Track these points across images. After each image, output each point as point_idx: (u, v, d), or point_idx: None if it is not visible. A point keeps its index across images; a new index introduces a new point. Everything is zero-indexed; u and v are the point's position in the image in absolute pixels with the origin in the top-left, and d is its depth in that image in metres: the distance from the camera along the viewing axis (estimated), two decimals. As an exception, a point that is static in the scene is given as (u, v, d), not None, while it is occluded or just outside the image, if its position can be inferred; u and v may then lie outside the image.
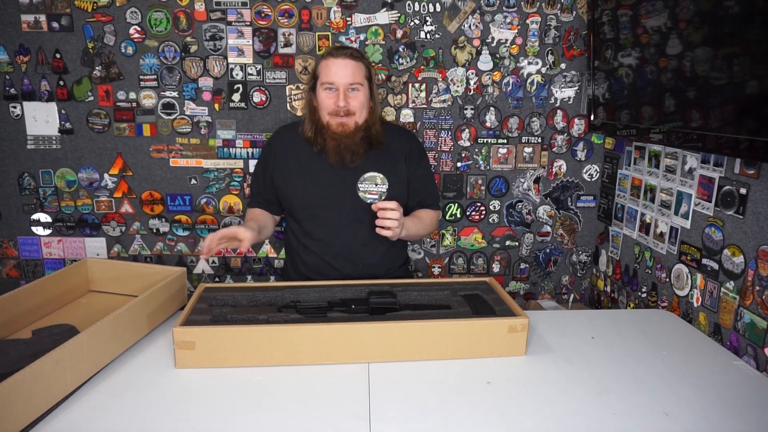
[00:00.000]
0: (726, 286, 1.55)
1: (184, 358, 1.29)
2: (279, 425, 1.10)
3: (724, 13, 1.38)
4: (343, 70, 1.71)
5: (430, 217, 1.93)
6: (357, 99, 1.74)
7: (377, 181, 1.74)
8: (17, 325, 1.44)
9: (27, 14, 2.08)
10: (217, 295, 1.51)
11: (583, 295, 2.46)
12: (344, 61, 1.71)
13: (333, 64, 1.72)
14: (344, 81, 1.71)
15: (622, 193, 2.13)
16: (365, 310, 1.42)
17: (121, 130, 2.20)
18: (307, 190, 1.81)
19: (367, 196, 1.75)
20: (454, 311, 1.44)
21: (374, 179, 1.74)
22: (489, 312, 1.42)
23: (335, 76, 1.71)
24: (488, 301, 1.49)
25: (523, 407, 1.17)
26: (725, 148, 1.42)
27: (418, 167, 1.89)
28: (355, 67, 1.72)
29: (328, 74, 1.72)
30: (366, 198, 1.75)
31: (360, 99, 1.75)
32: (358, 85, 1.73)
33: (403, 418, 1.12)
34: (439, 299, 1.52)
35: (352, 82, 1.72)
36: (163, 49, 2.14)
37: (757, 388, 1.26)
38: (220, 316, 1.38)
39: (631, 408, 1.17)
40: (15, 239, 2.28)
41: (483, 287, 1.59)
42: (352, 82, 1.72)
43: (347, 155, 1.75)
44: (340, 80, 1.71)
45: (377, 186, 1.74)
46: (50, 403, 1.12)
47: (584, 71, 2.20)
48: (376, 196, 1.74)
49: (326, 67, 1.73)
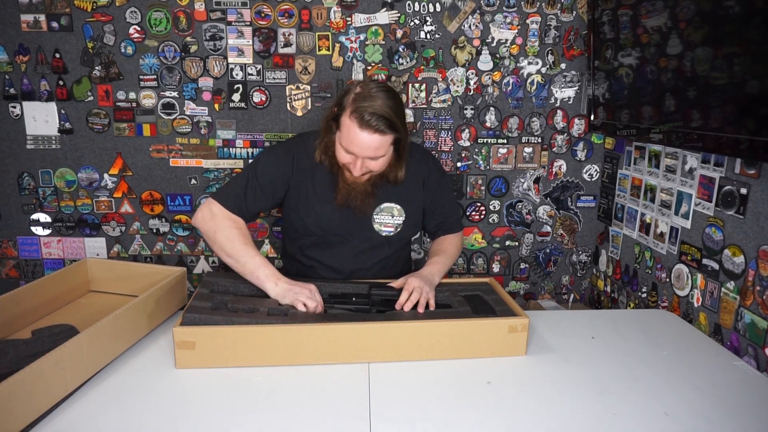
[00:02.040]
0: (726, 286, 1.55)
1: (184, 358, 1.29)
2: (279, 425, 1.10)
3: (724, 13, 1.38)
4: (365, 146, 1.45)
5: (454, 245, 1.75)
6: (377, 164, 1.52)
7: (394, 213, 1.64)
8: (17, 326, 1.44)
9: (27, 14, 2.07)
10: (219, 281, 1.52)
11: (583, 295, 2.46)
12: (370, 136, 1.43)
13: (356, 135, 1.44)
14: (365, 154, 1.47)
15: (622, 193, 2.13)
16: (366, 303, 1.42)
17: (121, 130, 2.20)
18: (319, 217, 1.63)
19: (382, 228, 1.64)
20: (454, 311, 1.44)
21: (391, 210, 1.63)
22: (489, 312, 1.42)
23: (355, 148, 1.46)
24: (489, 301, 1.49)
25: (523, 407, 1.17)
26: (725, 148, 1.42)
27: (438, 190, 1.72)
28: (380, 141, 1.45)
29: (348, 142, 1.46)
30: (381, 231, 1.65)
31: (380, 164, 1.52)
32: (380, 156, 1.50)
33: (403, 418, 1.12)
34: (439, 299, 1.52)
35: (373, 156, 1.48)
36: (163, 49, 2.13)
37: (758, 388, 1.26)
38: (221, 304, 1.38)
39: (631, 408, 1.17)
40: (15, 239, 2.28)
41: (484, 288, 1.59)
42: (373, 156, 1.48)
43: (356, 202, 1.58)
44: (361, 153, 1.47)
45: (393, 218, 1.64)
46: (50, 403, 1.12)
47: (584, 71, 2.20)
48: (391, 229, 1.65)
49: (348, 132, 1.45)
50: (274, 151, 1.70)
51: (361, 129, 1.42)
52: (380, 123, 1.42)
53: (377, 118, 1.41)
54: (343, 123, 1.47)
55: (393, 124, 1.44)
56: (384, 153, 1.49)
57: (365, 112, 1.41)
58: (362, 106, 1.42)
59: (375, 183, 1.58)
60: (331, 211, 1.61)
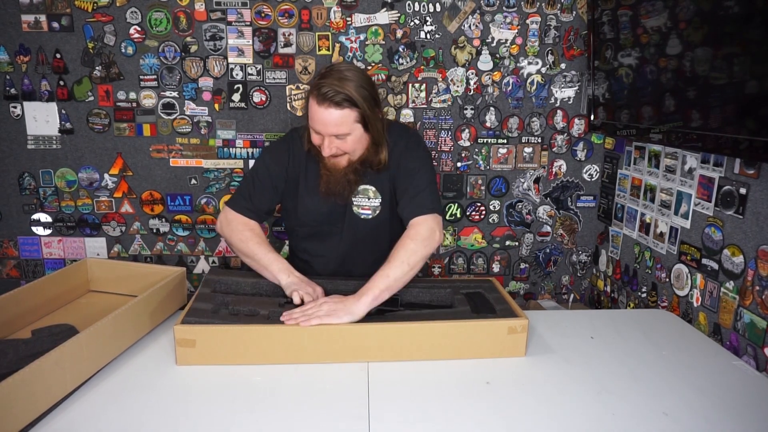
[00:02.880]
0: (726, 286, 1.55)
1: (185, 355, 1.30)
2: (278, 424, 1.10)
3: (724, 13, 1.38)
4: (325, 120, 1.45)
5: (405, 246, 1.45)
6: (346, 145, 1.50)
7: (369, 195, 1.62)
8: (17, 325, 1.44)
9: (27, 14, 2.08)
10: (222, 279, 1.52)
11: (583, 295, 2.46)
12: (327, 110, 1.44)
13: (315, 111, 1.45)
14: (328, 130, 1.47)
15: (622, 193, 2.13)
16: None
17: (121, 130, 2.20)
18: (308, 207, 1.66)
19: (360, 212, 1.63)
20: (453, 311, 1.44)
21: (366, 192, 1.61)
22: (489, 310, 1.42)
23: (317, 125, 1.47)
24: (490, 299, 1.49)
25: (523, 407, 1.17)
26: (725, 148, 1.42)
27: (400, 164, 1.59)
28: (339, 117, 1.44)
29: (311, 119, 1.49)
30: (360, 214, 1.63)
31: (350, 144, 1.50)
32: (344, 134, 1.48)
33: (402, 418, 1.12)
34: (440, 297, 1.52)
35: (337, 133, 1.47)
36: (163, 49, 2.14)
37: (757, 388, 1.26)
38: (221, 305, 1.38)
39: (631, 408, 1.17)
40: (15, 239, 2.29)
41: (486, 285, 1.59)
42: (336, 134, 1.47)
43: (337, 189, 1.58)
44: (324, 129, 1.47)
45: (370, 200, 1.62)
46: (50, 403, 1.12)
47: (584, 71, 2.20)
48: (369, 212, 1.62)
49: (311, 110, 1.48)
50: (272, 148, 1.75)
51: (319, 105, 1.44)
52: (337, 96, 1.42)
53: (334, 92, 1.42)
54: (308, 103, 1.49)
55: (351, 99, 1.43)
56: (348, 130, 1.47)
57: (323, 88, 1.43)
58: (321, 82, 1.44)
59: (356, 170, 1.56)
60: (319, 200, 1.63)
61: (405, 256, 1.43)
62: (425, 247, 1.47)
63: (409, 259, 1.43)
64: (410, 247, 1.45)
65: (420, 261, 1.46)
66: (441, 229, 1.53)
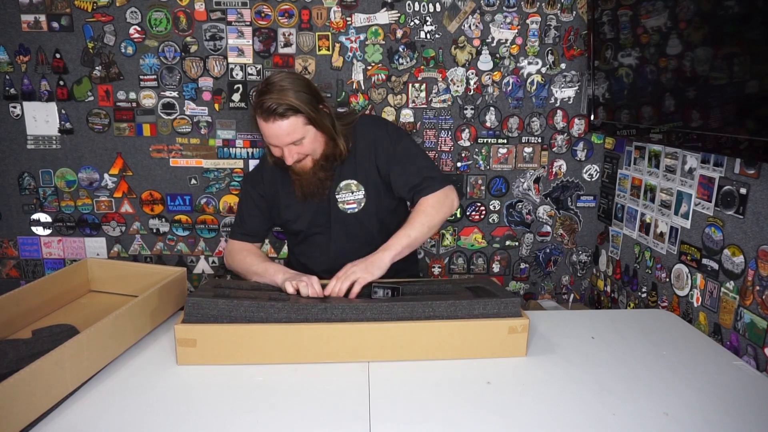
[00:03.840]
0: (726, 286, 1.55)
1: (186, 354, 1.30)
2: (279, 423, 1.10)
3: (724, 13, 1.38)
4: (276, 134, 1.52)
5: (421, 211, 1.60)
6: (304, 147, 1.56)
7: (352, 188, 1.66)
8: (17, 325, 1.44)
9: (27, 14, 2.08)
10: (222, 282, 1.56)
11: (583, 295, 2.46)
12: (275, 124, 1.50)
13: (264, 127, 1.52)
14: (282, 142, 1.53)
15: (622, 193, 2.13)
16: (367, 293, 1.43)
17: (121, 130, 2.20)
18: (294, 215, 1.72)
19: (346, 207, 1.67)
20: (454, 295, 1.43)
21: (349, 187, 1.66)
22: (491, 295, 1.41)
23: (271, 139, 1.54)
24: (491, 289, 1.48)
25: (523, 407, 1.17)
26: (725, 148, 1.42)
27: (394, 154, 1.65)
28: (288, 126, 1.50)
29: (264, 136, 1.56)
30: (346, 210, 1.67)
31: (308, 146, 1.57)
32: (299, 140, 1.54)
33: (403, 417, 1.12)
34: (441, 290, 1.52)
35: (292, 141, 1.53)
36: (163, 49, 2.14)
37: (757, 388, 1.26)
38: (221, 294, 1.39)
39: (631, 408, 1.17)
40: (15, 239, 2.28)
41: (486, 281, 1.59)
42: (291, 141, 1.53)
43: (311, 189, 1.64)
44: (278, 141, 1.54)
45: (353, 194, 1.66)
46: (50, 403, 1.12)
47: (584, 71, 2.20)
48: (354, 206, 1.66)
49: (261, 128, 1.54)
50: (249, 176, 1.84)
51: (266, 121, 1.50)
52: (279, 108, 1.48)
53: (276, 105, 1.48)
54: (258, 123, 1.55)
55: (292, 107, 1.49)
56: (301, 135, 1.54)
57: (263, 105, 1.49)
58: (260, 100, 1.50)
59: (323, 167, 1.62)
60: (301, 206, 1.70)
61: (424, 219, 1.58)
62: (443, 213, 1.62)
63: (428, 222, 1.58)
64: (429, 212, 1.59)
65: (438, 224, 1.63)
66: (456, 196, 1.68)
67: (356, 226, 1.69)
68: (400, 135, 1.70)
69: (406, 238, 1.54)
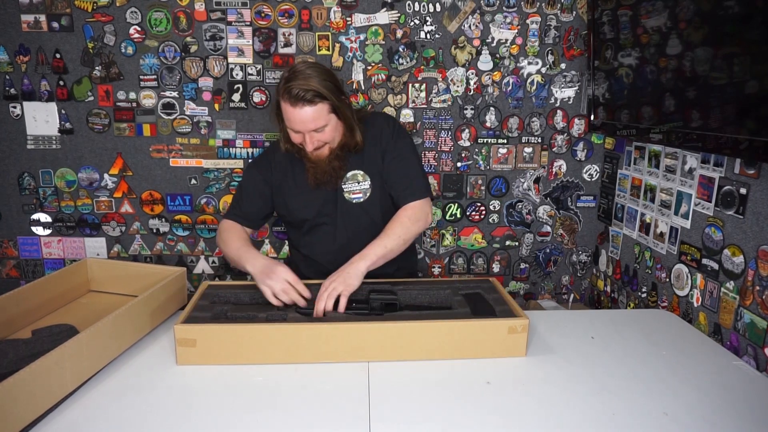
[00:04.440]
0: (726, 286, 1.55)
1: (186, 355, 1.30)
2: (278, 423, 1.10)
3: (724, 13, 1.38)
4: (301, 119, 1.53)
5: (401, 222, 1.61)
6: (326, 135, 1.58)
7: (359, 179, 1.67)
8: (17, 325, 1.44)
9: (27, 14, 2.08)
10: (220, 292, 1.52)
11: (583, 295, 2.46)
12: (302, 110, 1.52)
13: (291, 113, 1.54)
14: (306, 127, 1.55)
15: (622, 193, 2.13)
16: (365, 308, 1.43)
17: (121, 130, 2.20)
18: (301, 204, 1.72)
19: (352, 197, 1.68)
20: (453, 312, 1.43)
21: (356, 177, 1.67)
22: (489, 312, 1.41)
23: (296, 124, 1.55)
24: (489, 300, 1.48)
25: (523, 407, 1.17)
26: (725, 148, 1.42)
27: (390, 151, 1.68)
28: (313, 112, 1.53)
29: (288, 121, 1.57)
30: (352, 199, 1.68)
31: (329, 134, 1.59)
32: (322, 127, 1.56)
33: (402, 418, 1.12)
34: (439, 298, 1.52)
35: (314, 128, 1.55)
36: (163, 49, 2.14)
37: (757, 388, 1.26)
38: (220, 314, 1.39)
39: (631, 408, 1.17)
40: (15, 239, 2.28)
41: (485, 286, 1.59)
42: (314, 128, 1.55)
43: (325, 179, 1.65)
44: (302, 127, 1.55)
45: (359, 184, 1.67)
46: (50, 403, 1.12)
47: (584, 71, 2.20)
48: (360, 195, 1.67)
49: (286, 113, 1.56)
50: (255, 160, 1.86)
51: (293, 106, 1.52)
52: (308, 95, 1.51)
53: (304, 91, 1.51)
54: (282, 108, 1.57)
55: (320, 93, 1.52)
56: (325, 122, 1.56)
57: (292, 90, 1.51)
58: (288, 85, 1.52)
59: (338, 156, 1.64)
60: (309, 195, 1.70)
61: (401, 231, 1.60)
62: (418, 227, 1.65)
63: (404, 234, 1.60)
64: (406, 224, 1.62)
65: (412, 237, 1.65)
66: (431, 210, 1.73)
67: (361, 215, 1.70)
68: (402, 134, 1.73)
69: (382, 248, 1.55)
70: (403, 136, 1.73)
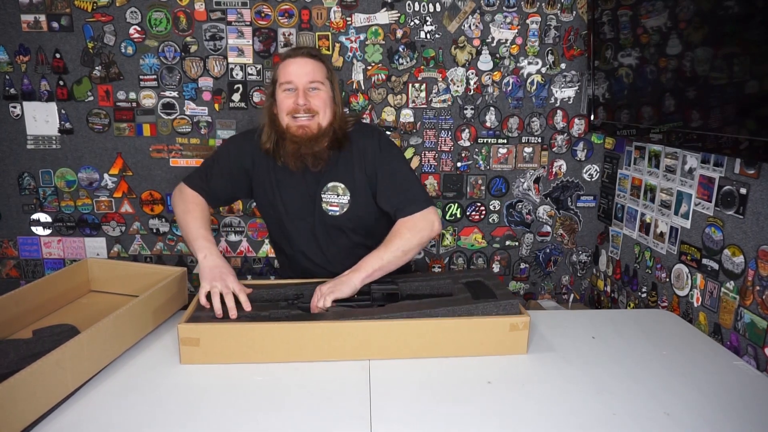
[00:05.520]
0: (726, 286, 1.55)
1: (189, 354, 1.30)
2: (280, 422, 1.10)
3: (724, 13, 1.38)
4: (301, 69, 1.57)
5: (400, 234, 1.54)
6: (318, 97, 1.58)
7: (339, 192, 1.63)
8: (17, 325, 1.44)
9: (27, 14, 2.07)
10: None
11: (583, 295, 2.46)
12: (302, 59, 1.58)
13: (291, 63, 1.59)
14: (303, 79, 1.56)
15: (622, 193, 2.13)
16: (368, 299, 1.43)
17: (121, 130, 2.20)
18: (278, 206, 1.68)
19: (329, 208, 1.63)
20: (454, 298, 1.43)
21: (336, 189, 1.63)
22: (489, 295, 1.42)
23: (293, 75, 1.57)
24: (489, 286, 1.49)
25: (523, 407, 1.17)
26: (725, 148, 1.43)
27: (380, 165, 1.62)
28: (314, 65, 1.59)
29: (286, 74, 1.58)
30: (328, 210, 1.63)
31: (322, 97, 1.59)
32: (319, 84, 1.58)
33: (403, 416, 1.12)
34: (440, 288, 1.52)
35: (312, 80, 1.57)
36: (163, 49, 2.14)
37: (757, 388, 1.26)
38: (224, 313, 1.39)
39: (631, 408, 1.17)
40: (15, 239, 2.28)
41: (485, 273, 1.59)
42: (311, 80, 1.57)
43: (309, 159, 1.59)
44: (299, 79, 1.56)
45: (339, 197, 1.63)
46: (51, 403, 1.12)
47: (584, 71, 2.20)
48: (337, 209, 1.62)
49: (284, 68, 1.59)
50: (234, 139, 1.79)
51: (293, 58, 1.60)
52: (308, 49, 1.63)
53: (303, 47, 1.67)
54: (278, 73, 1.61)
55: (320, 54, 1.64)
56: (321, 80, 1.59)
57: (291, 49, 1.65)
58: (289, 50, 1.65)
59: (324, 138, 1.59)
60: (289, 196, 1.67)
61: (400, 243, 1.53)
62: (420, 237, 1.56)
63: (404, 246, 1.53)
64: (405, 235, 1.54)
65: (414, 249, 1.56)
66: (438, 218, 1.61)
67: (337, 228, 1.66)
68: (391, 147, 1.68)
69: (379, 261, 1.50)
70: (390, 147, 1.67)
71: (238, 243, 2.33)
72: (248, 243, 2.34)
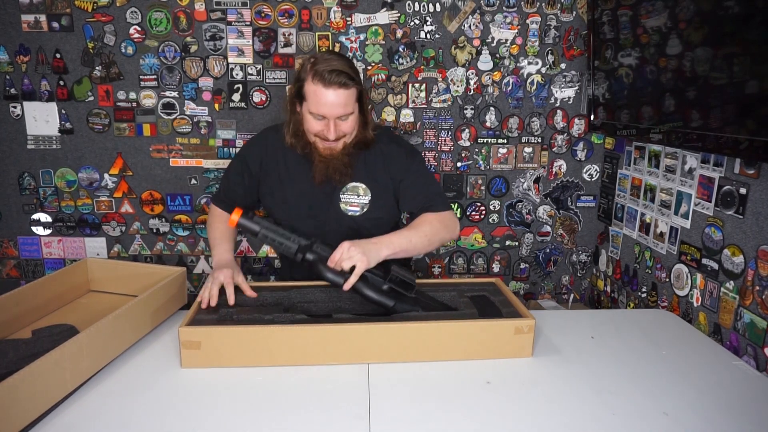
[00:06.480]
0: (726, 286, 1.55)
1: (190, 357, 1.29)
2: (280, 425, 1.10)
3: (724, 13, 1.38)
4: (334, 103, 1.48)
5: (426, 221, 1.58)
6: (348, 124, 1.53)
7: (359, 192, 1.62)
8: (17, 325, 1.44)
9: (27, 14, 2.08)
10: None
11: (583, 295, 2.46)
12: (336, 92, 1.47)
13: (323, 95, 1.47)
14: (334, 113, 1.49)
15: (622, 193, 2.13)
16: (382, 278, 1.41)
17: (121, 130, 2.20)
18: (288, 200, 1.66)
19: (348, 208, 1.62)
20: (460, 313, 1.43)
21: (356, 190, 1.62)
22: (496, 314, 1.41)
23: (325, 109, 1.49)
24: (495, 302, 1.48)
25: (523, 407, 1.17)
26: (725, 148, 1.42)
27: (407, 171, 1.64)
28: (346, 97, 1.49)
29: (317, 104, 1.49)
30: (347, 210, 1.62)
31: (351, 124, 1.54)
32: (348, 114, 1.52)
33: (402, 419, 1.12)
34: (446, 300, 1.51)
35: (343, 113, 1.50)
36: (163, 49, 2.14)
37: (757, 388, 1.26)
38: (226, 316, 1.38)
39: (631, 408, 1.17)
40: (15, 239, 2.29)
41: (490, 288, 1.58)
42: (342, 114, 1.50)
43: (335, 176, 1.58)
44: (331, 112, 1.49)
45: (359, 197, 1.62)
46: (50, 403, 1.12)
47: (584, 71, 2.20)
48: (357, 209, 1.62)
49: (315, 95, 1.48)
50: (246, 146, 1.78)
51: (327, 87, 1.47)
52: (342, 77, 1.47)
53: (338, 73, 1.46)
54: (307, 91, 1.51)
55: (353, 77, 1.50)
56: (352, 110, 1.52)
57: (326, 72, 1.46)
58: (321, 68, 1.47)
59: (349, 152, 1.58)
60: (301, 191, 1.65)
61: (428, 229, 1.54)
62: (447, 231, 1.60)
63: (431, 234, 1.55)
64: (435, 225, 1.57)
65: (438, 242, 1.59)
66: (458, 223, 1.68)
67: (353, 229, 1.65)
68: (416, 154, 1.71)
69: (407, 241, 1.49)
70: (416, 154, 1.70)
71: (239, 243, 2.33)
72: (248, 243, 2.34)
